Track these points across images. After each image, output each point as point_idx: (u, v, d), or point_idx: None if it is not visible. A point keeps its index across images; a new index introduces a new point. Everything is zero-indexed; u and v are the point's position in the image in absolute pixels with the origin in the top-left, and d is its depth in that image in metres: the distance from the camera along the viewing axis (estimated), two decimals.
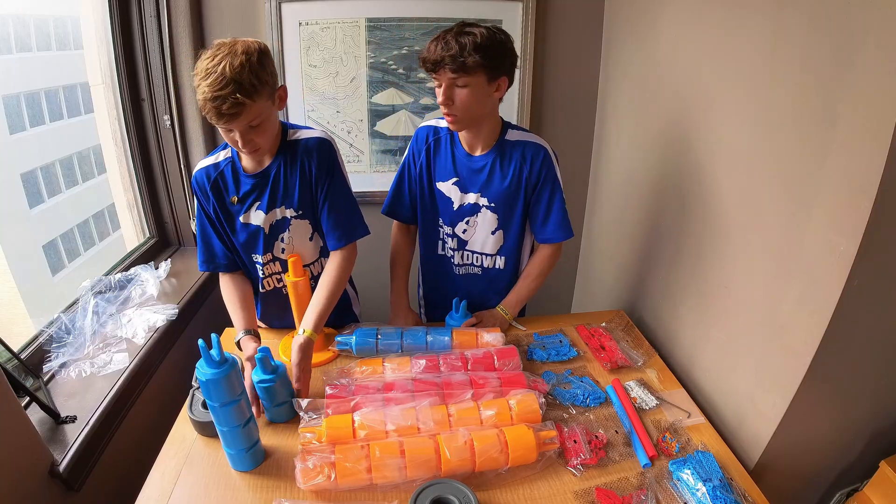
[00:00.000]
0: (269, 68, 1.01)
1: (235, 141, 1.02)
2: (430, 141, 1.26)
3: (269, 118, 1.03)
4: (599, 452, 0.97)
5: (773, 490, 0.94)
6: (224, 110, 0.94)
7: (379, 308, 1.55)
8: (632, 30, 1.55)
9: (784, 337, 0.95)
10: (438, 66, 1.05)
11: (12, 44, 6.88)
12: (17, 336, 1.16)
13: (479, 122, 1.17)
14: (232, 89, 0.92)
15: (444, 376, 1.09)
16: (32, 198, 7.07)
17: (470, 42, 1.03)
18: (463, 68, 1.04)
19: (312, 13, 1.65)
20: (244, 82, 0.93)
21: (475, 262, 1.34)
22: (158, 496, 0.89)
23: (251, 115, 0.98)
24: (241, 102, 0.93)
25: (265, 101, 1.00)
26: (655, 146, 1.42)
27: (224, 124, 0.98)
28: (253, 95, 0.95)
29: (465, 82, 1.06)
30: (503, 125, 1.22)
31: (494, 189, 1.23)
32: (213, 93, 0.92)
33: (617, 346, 1.27)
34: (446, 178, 1.26)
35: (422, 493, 0.86)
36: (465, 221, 1.27)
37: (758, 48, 0.99)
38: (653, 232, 1.44)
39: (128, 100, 1.62)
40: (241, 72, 0.93)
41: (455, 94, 1.08)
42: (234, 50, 0.95)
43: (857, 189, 0.78)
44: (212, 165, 1.15)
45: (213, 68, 0.93)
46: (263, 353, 0.99)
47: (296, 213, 1.17)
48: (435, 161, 1.27)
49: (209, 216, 1.18)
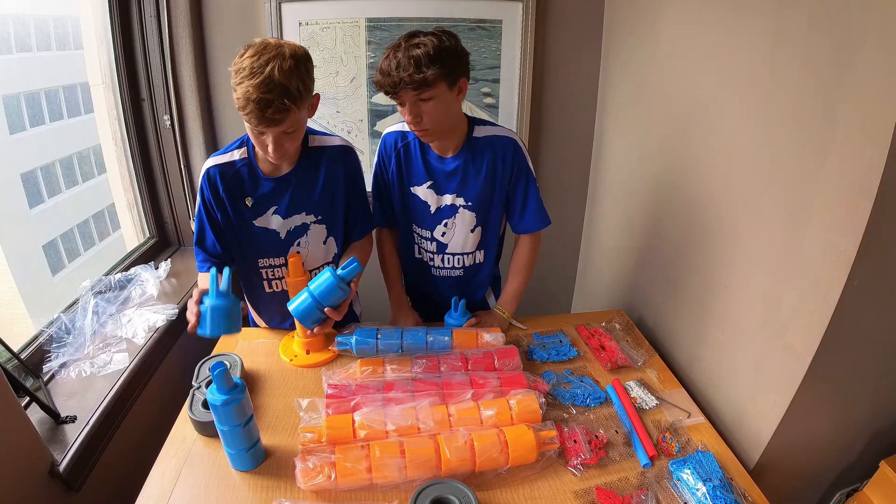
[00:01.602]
0: (313, 75, 0.99)
1: (266, 145, 0.98)
2: (398, 147, 1.24)
3: (302, 126, 1.02)
4: (599, 452, 0.97)
5: (773, 490, 0.94)
6: (268, 114, 0.90)
7: (379, 308, 1.56)
8: (632, 30, 1.55)
9: (784, 337, 0.95)
10: (398, 87, 1.02)
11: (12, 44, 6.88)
12: (17, 336, 1.16)
13: (447, 128, 1.15)
14: (279, 94, 0.89)
15: (444, 376, 1.09)
16: (32, 198, 7.07)
17: (423, 55, 0.99)
18: (424, 83, 1.01)
19: (312, 13, 1.65)
20: (292, 88, 0.91)
21: (456, 265, 1.33)
22: (158, 496, 0.89)
23: (291, 122, 0.95)
24: (286, 108, 0.91)
25: (303, 109, 0.98)
26: (656, 146, 1.42)
27: (264, 128, 0.94)
28: (299, 102, 0.93)
29: (430, 95, 1.03)
30: (469, 123, 1.21)
31: (470, 188, 1.23)
32: (260, 94, 0.89)
33: (617, 346, 1.27)
34: (421, 182, 1.25)
35: (422, 493, 0.86)
36: (444, 224, 1.27)
37: (758, 48, 0.99)
38: (653, 232, 1.44)
39: (128, 100, 1.62)
40: (289, 77, 0.90)
41: (422, 109, 1.05)
42: (282, 52, 0.92)
43: (857, 189, 0.78)
44: (227, 163, 1.11)
45: (260, 69, 0.89)
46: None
47: (315, 219, 1.17)
48: (406, 166, 1.25)
49: (211, 214, 1.14)
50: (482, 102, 1.77)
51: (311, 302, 1.05)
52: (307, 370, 1.20)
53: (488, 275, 1.37)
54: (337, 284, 1.04)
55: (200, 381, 1.10)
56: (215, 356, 1.22)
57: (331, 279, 1.04)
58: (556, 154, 1.90)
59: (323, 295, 1.05)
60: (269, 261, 1.21)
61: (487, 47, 1.71)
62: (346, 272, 1.05)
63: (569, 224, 2.03)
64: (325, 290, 1.05)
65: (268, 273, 1.24)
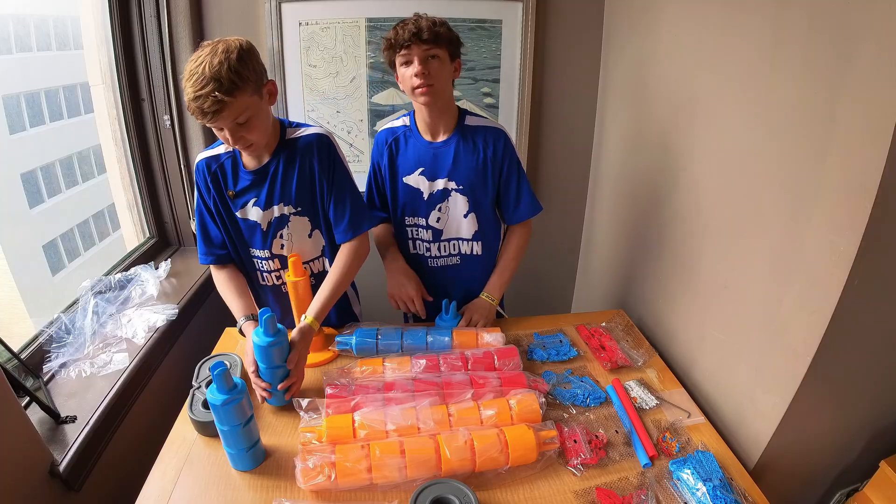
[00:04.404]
0: (252, 65, 1.01)
1: (227, 138, 1.03)
2: (389, 142, 1.31)
3: (257, 114, 1.03)
4: (599, 452, 0.97)
5: (773, 490, 0.94)
6: (206, 108, 0.95)
7: (378, 307, 1.55)
8: (632, 30, 1.55)
9: (784, 337, 0.95)
10: (415, 38, 1.11)
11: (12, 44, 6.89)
12: (17, 336, 1.16)
13: (447, 99, 1.22)
14: (211, 88, 0.94)
15: (444, 376, 1.09)
16: (32, 198, 7.07)
17: (436, 20, 1.14)
18: (437, 38, 1.12)
19: (312, 13, 1.65)
20: (223, 80, 0.94)
21: (453, 251, 1.35)
22: (158, 496, 0.89)
23: (235, 112, 0.98)
24: (220, 100, 0.95)
25: (248, 97, 1.00)
26: (656, 146, 1.42)
27: (209, 122, 0.99)
28: (234, 92, 0.96)
29: (436, 53, 1.14)
30: (460, 112, 1.28)
31: (461, 171, 1.26)
32: (195, 93, 0.94)
33: (617, 345, 1.27)
34: (412, 170, 1.28)
35: (422, 493, 0.86)
36: (438, 209, 1.29)
37: (758, 48, 0.99)
38: (653, 232, 1.44)
39: (128, 100, 1.62)
40: (219, 70, 0.94)
41: (430, 65, 1.14)
42: (216, 49, 0.97)
43: (857, 189, 0.78)
44: (213, 156, 1.17)
45: (196, 69, 0.95)
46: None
47: (294, 210, 1.18)
48: (397, 158, 1.30)
49: (208, 207, 1.19)
50: (482, 102, 1.77)
51: (263, 370, 1.03)
52: (307, 370, 1.20)
53: (485, 273, 1.37)
54: (262, 346, 0.99)
55: (200, 381, 1.11)
56: (215, 356, 1.22)
57: (255, 344, 1.00)
58: (556, 154, 1.90)
59: (262, 359, 1.01)
60: (256, 252, 1.23)
61: (487, 47, 1.71)
62: (261, 325, 0.99)
63: (569, 224, 2.03)
64: (259, 356, 1.02)
65: (258, 264, 1.26)
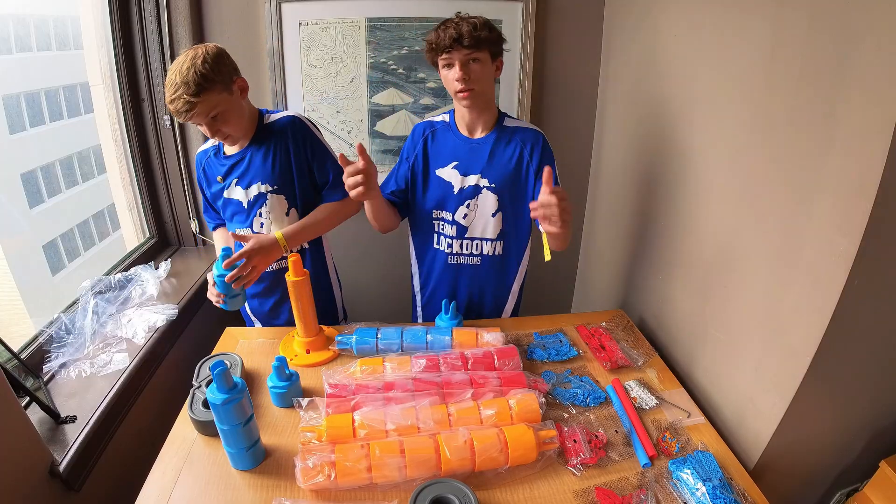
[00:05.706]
0: (219, 67, 1.12)
1: (206, 132, 1.17)
2: (426, 133, 1.33)
3: (229, 109, 1.16)
4: (599, 452, 0.97)
5: (773, 490, 0.94)
6: (179, 109, 1.09)
7: (379, 307, 1.56)
8: (632, 29, 1.55)
9: (784, 337, 0.95)
10: (456, 43, 1.12)
11: (12, 44, 6.87)
12: (17, 336, 1.16)
13: (488, 99, 1.24)
14: (181, 91, 1.07)
15: (444, 376, 1.09)
16: (32, 198, 7.06)
17: (479, 22, 1.14)
18: (478, 42, 1.13)
19: (312, 13, 1.65)
20: (190, 83, 1.07)
21: (475, 251, 1.34)
22: (158, 496, 0.89)
23: (206, 109, 1.11)
24: (189, 101, 1.08)
25: (217, 95, 1.12)
26: (655, 146, 1.42)
27: (184, 120, 1.13)
28: (201, 93, 1.08)
29: (478, 56, 1.15)
30: (499, 113, 1.29)
31: (496, 169, 1.26)
32: (169, 96, 1.09)
33: (617, 345, 1.27)
34: (446, 163, 1.29)
35: (422, 493, 0.86)
36: (466, 205, 1.29)
37: (757, 48, 0.99)
38: (653, 231, 1.44)
39: (128, 100, 1.63)
40: (187, 75, 1.07)
41: (471, 69, 1.15)
42: (187, 56, 1.10)
43: (857, 189, 0.78)
44: (205, 150, 1.35)
45: (170, 76, 1.09)
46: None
47: (271, 189, 1.27)
48: (432, 150, 1.31)
49: (205, 193, 1.37)
50: None
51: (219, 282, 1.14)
52: (307, 369, 1.20)
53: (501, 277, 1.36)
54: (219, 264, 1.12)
55: (200, 381, 1.11)
56: (215, 355, 1.22)
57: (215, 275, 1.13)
58: (557, 154, 1.87)
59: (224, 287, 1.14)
60: (237, 228, 1.33)
61: None
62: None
63: None
64: (220, 287, 1.14)
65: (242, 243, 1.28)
